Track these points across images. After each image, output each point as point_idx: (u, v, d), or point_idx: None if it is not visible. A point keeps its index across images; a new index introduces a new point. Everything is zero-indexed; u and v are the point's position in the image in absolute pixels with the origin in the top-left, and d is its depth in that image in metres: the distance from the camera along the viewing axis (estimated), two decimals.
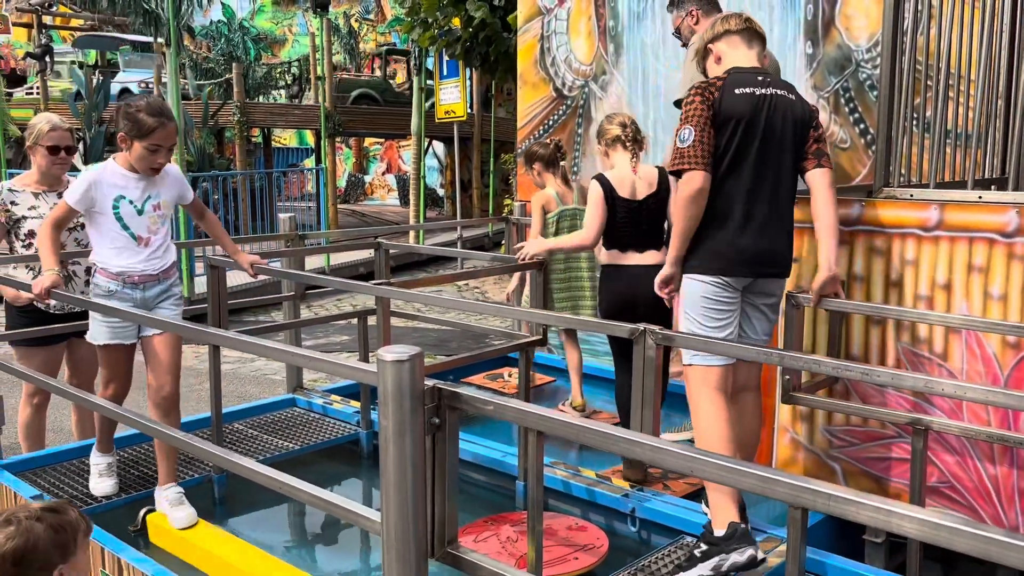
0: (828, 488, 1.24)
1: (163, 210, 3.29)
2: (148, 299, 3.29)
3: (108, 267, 3.21)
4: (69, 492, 3.63)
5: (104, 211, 3.18)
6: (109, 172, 3.21)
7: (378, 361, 1.63)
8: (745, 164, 2.82)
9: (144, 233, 3.23)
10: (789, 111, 2.85)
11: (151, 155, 3.16)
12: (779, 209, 2.88)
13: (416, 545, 1.64)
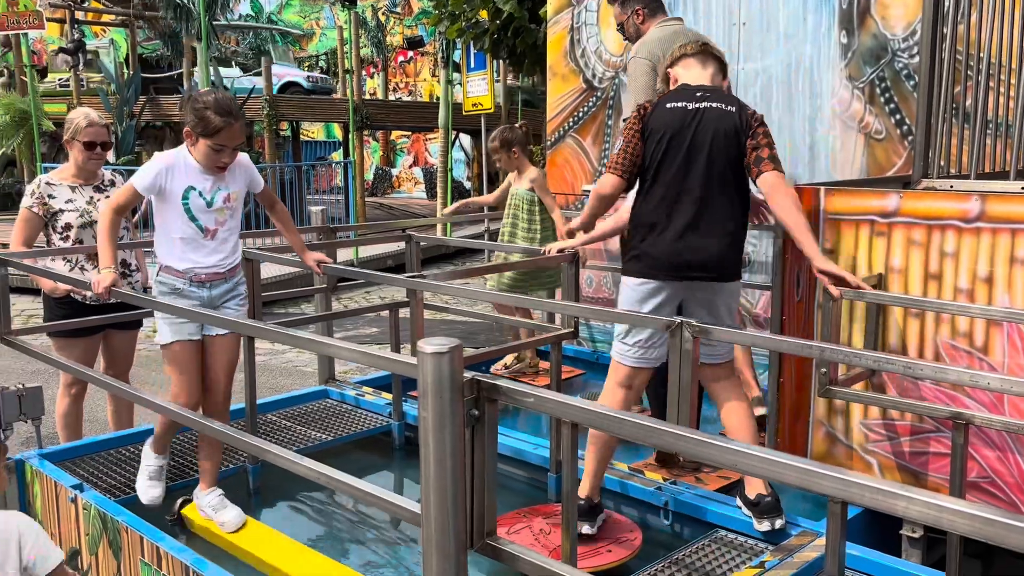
0: (874, 482, 1.23)
1: (233, 202, 3.20)
2: (214, 298, 3.22)
3: (174, 265, 3.14)
4: (108, 481, 3.68)
5: (172, 200, 3.09)
6: (182, 160, 3.11)
7: (418, 353, 1.63)
8: (670, 173, 3.01)
9: (212, 225, 3.15)
10: (720, 122, 2.99)
11: (215, 154, 3.07)
12: (709, 215, 3.00)
13: (455, 536, 1.64)
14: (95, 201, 4.14)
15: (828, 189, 3.20)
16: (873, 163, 4.54)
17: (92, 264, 4.14)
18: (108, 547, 3.14)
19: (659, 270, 3.04)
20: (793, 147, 4.83)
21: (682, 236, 3.00)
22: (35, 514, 3.60)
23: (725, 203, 3.02)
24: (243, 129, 3.12)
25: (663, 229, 3.02)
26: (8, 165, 18.37)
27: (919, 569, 2.83)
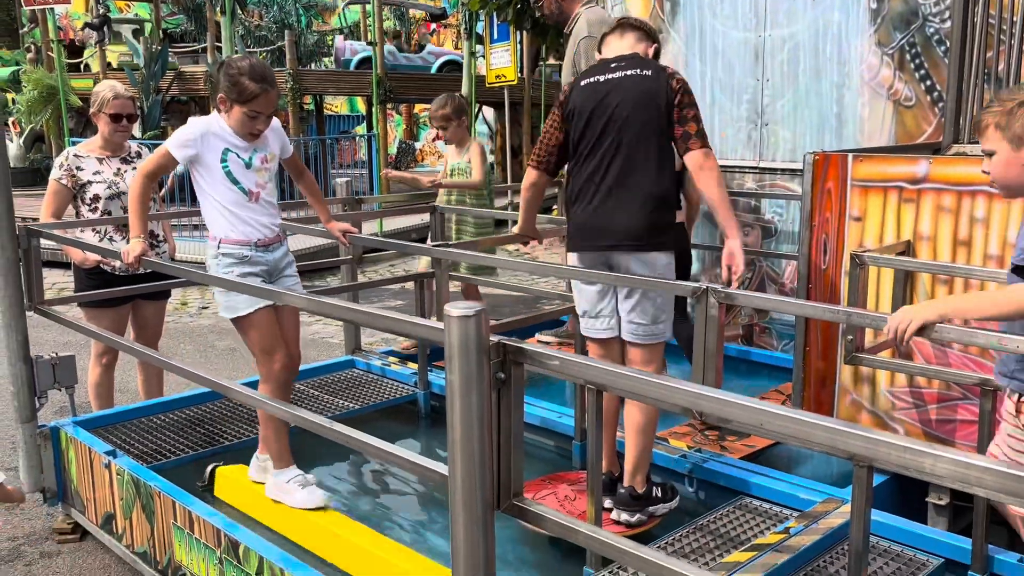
0: (901, 440, 1.23)
1: (270, 163, 3.17)
2: (277, 261, 3.19)
3: (232, 234, 3.09)
4: (139, 448, 3.75)
5: (211, 166, 3.05)
6: (216, 124, 3.07)
7: (445, 316, 1.64)
8: (589, 149, 3.01)
9: (253, 187, 3.10)
10: (633, 89, 2.92)
11: (250, 121, 3.03)
12: (627, 183, 2.94)
13: (482, 497, 1.66)
14: (122, 173, 4.18)
15: (856, 156, 3.17)
16: (902, 131, 4.48)
17: (120, 235, 4.18)
18: (142, 511, 3.21)
19: (580, 241, 3.06)
20: (821, 115, 4.78)
21: (598, 207, 2.98)
22: (70, 479, 3.68)
23: (644, 170, 2.94)
24: (278, 96, 3.09)
25: (584, 202, 3.02)
26: (36, 141, 18.53)
27: (945, 535, 2.82)
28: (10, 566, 3.50)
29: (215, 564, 2.83)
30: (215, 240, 3.10)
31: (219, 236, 3.09)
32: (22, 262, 3.60)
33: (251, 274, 3.08)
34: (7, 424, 5.06)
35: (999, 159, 2.21)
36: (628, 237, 2.93)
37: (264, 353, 3.14)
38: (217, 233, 3.10)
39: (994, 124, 2.20)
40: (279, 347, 3.16)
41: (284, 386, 3.20)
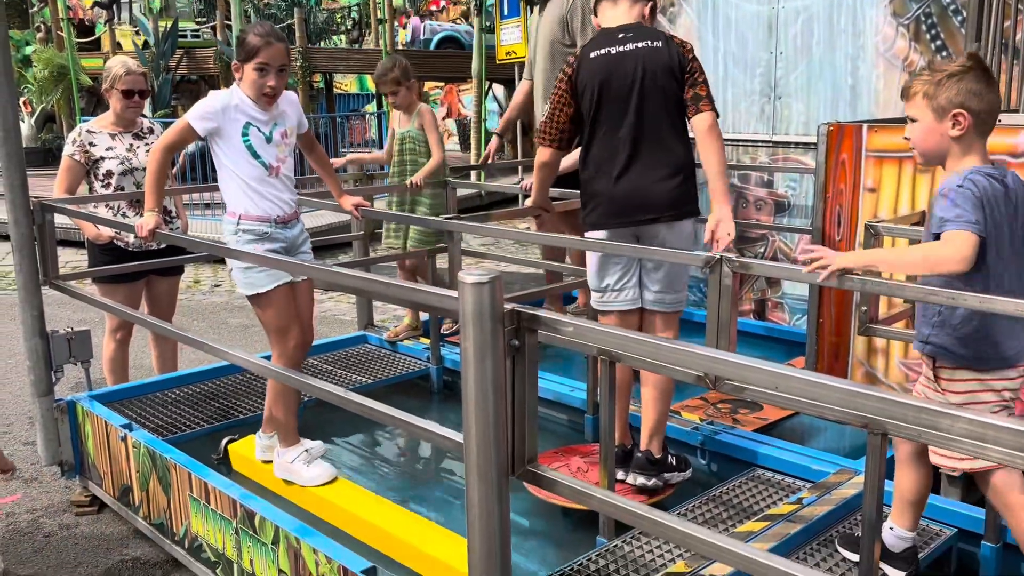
0: (919, 402, 1.23)
1: (290, 137, 3.13)
2: (295, 237, 3.17)
3: (252, 210, 3.05)
4: (155, 422, 3.78)
5: (232, 138, 3.01)
6: (236, 98, 3.02)
7: (459, 284, 1.64)
8: (605, 121, 2.99)
9: (274, 162, 3.06)
10: (648, 60, 2.92)
11: (260, 77, 2.96)
12: (647, 156, 2.95)
13: (497, 463, 1.67)
14: (135, 149, 4.18)
15: (871, 126, 3.14)
16: None
17: (134, 211, 4.20)
18: (158, 483, 3.24)
19: (607, 218, 3.04)
20: (835, 87, 4.74)
21: (619, 181, 2.97)
22: (87, 452, 3.72)
23: (663, 142, 2.96)
24: (287, 50, 3.04)
25: (604, 178, 3.01)
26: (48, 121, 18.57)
27: (959, 506, 2.83)
28: (29, 537, 3.54)
29: (231, 534, 2.86)
30: (234, 216, 3.07)
31: (239, 212, 3.06)
32: (36, 238, 3.62)
33: (271, 251, 3.06)
34: (24, 399, 5.11)
35: (921, 126, 2.28)
36: (667, 208, 2.95)
37: (279, 332, 3.13)
38: (237, 209, 3.06)
39: (922, 92, 2.26)
40: (294, 326, 3.15)
41: (297, 365, 3.21)
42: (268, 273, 3.03)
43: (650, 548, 2.65)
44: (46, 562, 3.35)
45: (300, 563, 2.56)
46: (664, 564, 2.54)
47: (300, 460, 3.19)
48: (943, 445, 1.22)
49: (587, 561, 2.58)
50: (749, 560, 1.40)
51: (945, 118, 2.22)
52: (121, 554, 3.40)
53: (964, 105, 2.21)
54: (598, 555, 2.62)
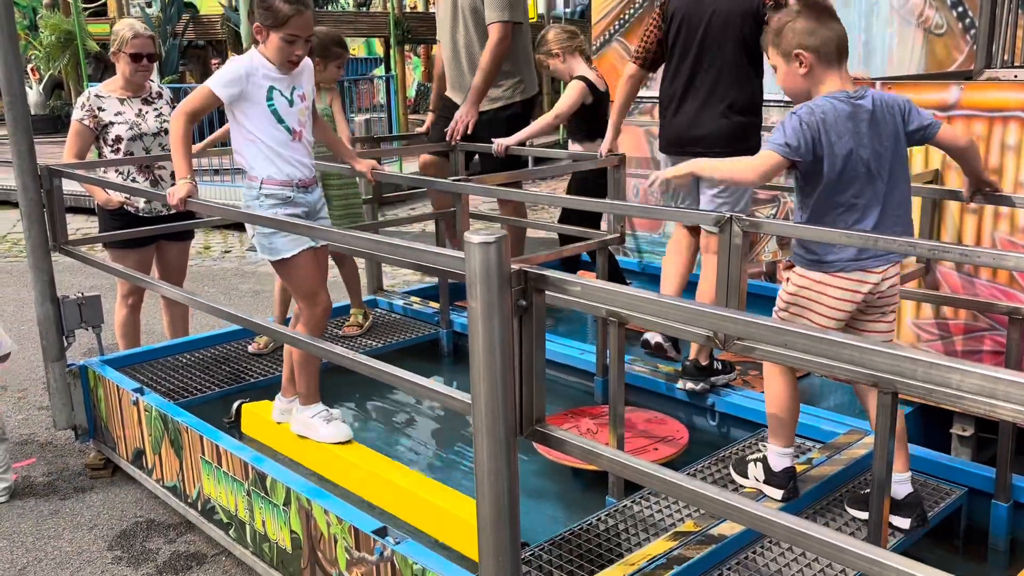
0: (928, 356, 1.21)
1: (307, 102, 3.08)
2: (314, 202, 3.13)
3: (275, 175, 3.01)
4: (166, 386, 3.80)
5: (256, 104, 2.95)
6: (258, 62, 2.95)
7: (465, 243, 1.63)
8: (685, 55, 3.34)
9: (297, 127, 3.02)
10: (731, 4, 3.27)
11: (288, 47, 2.91)
12: (716, 92, 3.32)
13: (505, 423, 1.66)
14: (144, 114, 4.17)
15: (884, 83, 3.09)
16: (932, 59, 4.37)
17: (144, 176, 4.19)
18: (170, 446, 3.26)
19: (666, 146, 3.46)
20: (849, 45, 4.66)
21: (679, 112, 3.36)
22: (100, 416, 3.75)
23: (724, 80, 3.29)
24: (313, 19, 2.97)
25: (671, 108, 3.38)
26: (56, 88, 18.52)
27: (969, 465, 2.82)
28: (46, 500, 3.58)
29: (243, 496, 2.89)
30: (256, 181, 3.02)
31: (261, 177, 3.01)
32: (45, 203, 3.62)
33: (292, 215, 3.01)
34: (38, 364, 5.15)
35: (780, 73, 2.54)
36: (718, 143, 3.27)
37: (308, 296, 3.10)
38: (259, 174, 3.02)
39: (771, 43, 2.53)
40: (322, 289, 3.12)
41: (322, 329, 3.19)
42: (292, 238, 2.99)
43: (659, 508, 2.66)
44: (62, 524, 3.39)
45: (311, 524, 2.58)
46: (673, 524, 2.55)
47: (319, 417, 3.21)
48: (954, 404, 1.21)
49: (597, 521, 2.60)
50: (759, 518, 1.40)
51: (792, 61, 2.47)
52: (136, 516, 3.44)
53: (801, 45, 2.44)
54: (607, 515, 2.63)
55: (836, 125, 2.38)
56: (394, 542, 2.32)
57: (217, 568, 3.08)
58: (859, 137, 2.39)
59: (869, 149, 2.40)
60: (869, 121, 2.40)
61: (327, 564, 2.56)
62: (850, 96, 2.43)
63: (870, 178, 2.41)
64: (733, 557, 2.40)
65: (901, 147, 2.46)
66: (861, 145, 2.39)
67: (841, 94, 2.43)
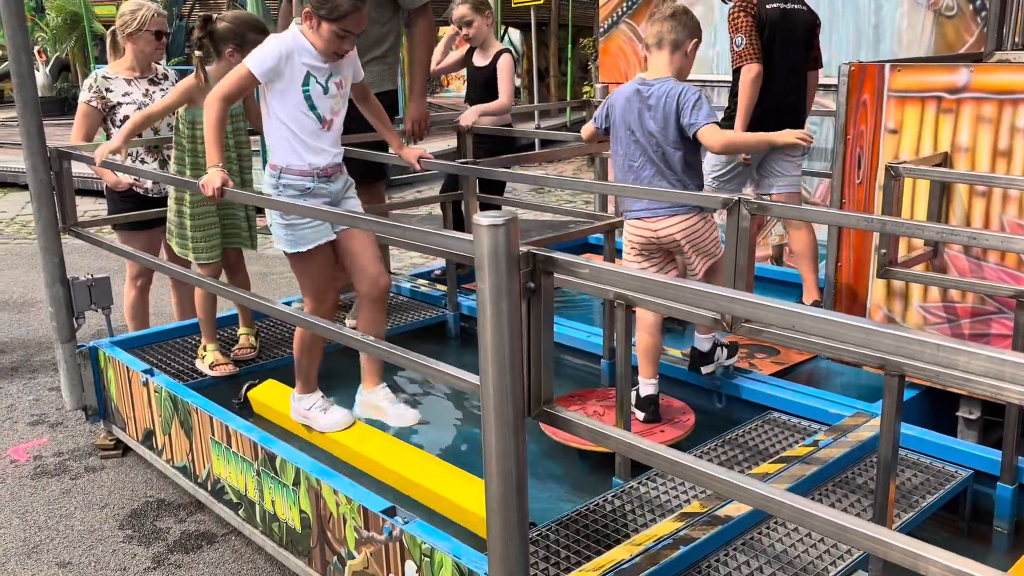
0: (935, 339, 1.22)
1: (344, 89, 2.95)
2: (338, 191, 3.02)
3: (296, 163, 2.90)
4: (176, 367, 3.82)
5: (292, 88, 2.83)
6: (300, 42, 2.82)
7: (474, 226, 1.64)
8: (774, 62, 3.88)
9: (328, 115, 2.91)
10: (803, 21, 3.95)
11: (338, 40, 2.79)
12: (795, 84, 4.02)
13: (513, 403, 1.67)
14: (151, 94, 4.17)
15: (894, 66, 3.08)
16: (942, 42, 4.34)
17: (152, 157, 4.20)
18: (180, 427, 3.29)
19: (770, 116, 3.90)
20: (857, 28, 4.64)
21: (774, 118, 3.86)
22: (110, 397, 3.78)
23: (802, 75, 4.02)
24: (367, 14, 2.86)
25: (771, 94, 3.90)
26: (63, 70, 18.52)
27: (974, 447, 2.83)
28: (57, 480, 3.62)
29: (253, 476, 2.91)
30: (275, 168, 2.93)
31: (280, 164, 2.92)
32: (54, 185, 3.63)
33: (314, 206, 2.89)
34: (48, 346, 5.19)
35: (690, 57, 3.16)
36: (800, 118, 4.03)
37: (315, 293, 3.03)
38: (279, 161, 2.92)
39: (692, 32, 3.12)
40: (331, 291, 3.07)
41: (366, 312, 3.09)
42: (310, 230, 2.92)
43: (665, 489, 2.67)
44: (73, 503, 3.43)
45: (321, 503, 2.60)
46: (680, 504, 2.57)
47: (316, 408, 3.20)
48: (961, 387, 1.21)
49: (603, 501, 2.62)
50: (765, 498, 1.41)
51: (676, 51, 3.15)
52: (146, 496, 3.48)
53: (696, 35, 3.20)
54: (614, 495, 2.65)
55: (613, 105, 3.23)
56: (403, 522, 2.34)
57: (227, 547, 3.11)
58: (636, 113, 3.14)
59: (639, 124, 3.12)
60: (639, 103, 3.14)
61: (336, 543, 2.58)
62: (633, 84, 3.18)
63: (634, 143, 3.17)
64: (739, 538, 2.41)
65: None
66: (637, 122, 3.13)
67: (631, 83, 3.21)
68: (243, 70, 2.81)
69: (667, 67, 3.11)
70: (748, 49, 3.84)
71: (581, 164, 11.36)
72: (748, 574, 2.27)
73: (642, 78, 3.12)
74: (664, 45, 3.09)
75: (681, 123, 3.01)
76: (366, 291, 3.06)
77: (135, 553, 3.08)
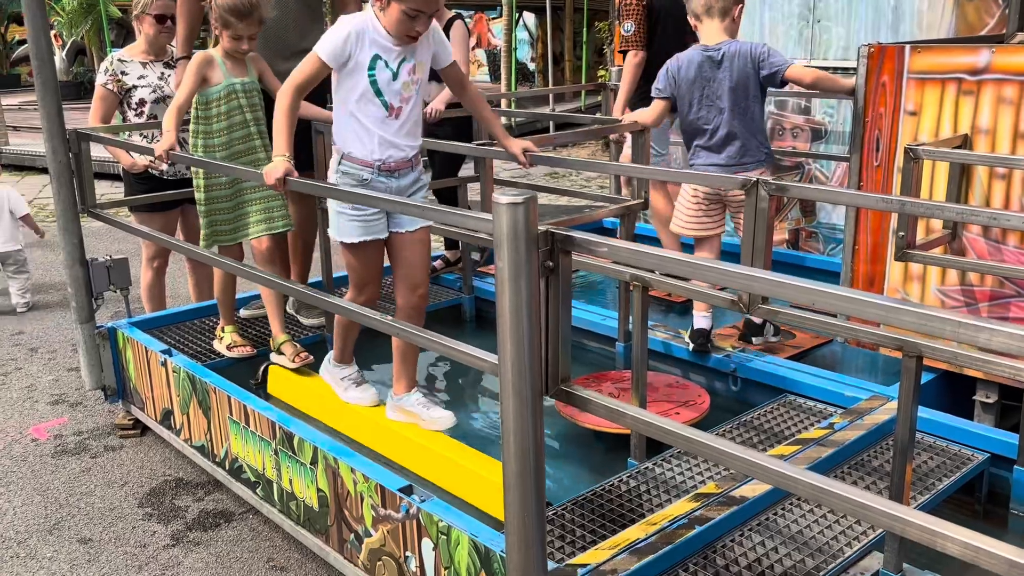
0: (956, 316, 1.22)
1: (418, 75, 2.78)
2: (403, 189, 2.86)
3: (357, 152, 2.79)
4: (194, 348, 3.85)
5: (358, 73, 2.70)
6: (370, 24, 2.68)
7: (493, 204, 1.64)
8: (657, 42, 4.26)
9: (396, 102, 2.75)
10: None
11: (409, 21, 2.63)
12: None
13: (531, 382, 1.68)
14: (166, 77, 4.18)
15: (914, 47, 3.06)
16: (963, 24, 4.30)
17: None
18: (198, 407, 3.32)
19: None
20: (876, 10, 4.60)
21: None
22: (129, 377, 3.81)
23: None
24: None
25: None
26: (79, 54, 18.58)
27: (992, 431, 2.82)
28: (77, 458, 3.66)
29: (271, 455, 2.94)
30: (338, 153, 2.84)
31: (343, 150, 2.82)
32: (73, 167, 3.65)
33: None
34: (67, 327, 5.23)
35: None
36: None
37: (357, 284, 3.00)
38: (342, 146, 2.82)
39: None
40: (373, 285, 2.99)
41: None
42: (360, 224, 2.84)
43: (680, 470, 2.68)
44: (94, 481, 3.47)
45: (338, 482, 2.62)
46: (695, 485, 2.58)
47: (349, 379, 3.24)
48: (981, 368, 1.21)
49: (618, 482, 2.63)
50: (784, 476, 1.41)
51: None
52: (164, 474, 3.51)
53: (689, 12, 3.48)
54: (629, 476, 2.66)
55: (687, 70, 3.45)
56: (420, 500, 2.36)
57: (244, 526, 3.15)
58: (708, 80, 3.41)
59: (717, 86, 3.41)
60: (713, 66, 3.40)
61: (353, 521, 2.61)
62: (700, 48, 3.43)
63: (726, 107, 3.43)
64: (754, 519, 2.42)
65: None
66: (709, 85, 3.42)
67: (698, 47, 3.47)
68: (313, 57, 2.71)
69: (722, 32, 3.38)
70: (635, 36, 4.19)
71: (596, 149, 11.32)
72: (763, 554, 2.28)
73: (705, 45, 3.38)
74: (714, 13, 3.35)
75: (762, 74, 3.29)
76: (403, 302, 3.00)
77: (154, 530, 3.12)
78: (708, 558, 2.26)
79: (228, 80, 3.41)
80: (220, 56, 3.41)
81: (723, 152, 3.43)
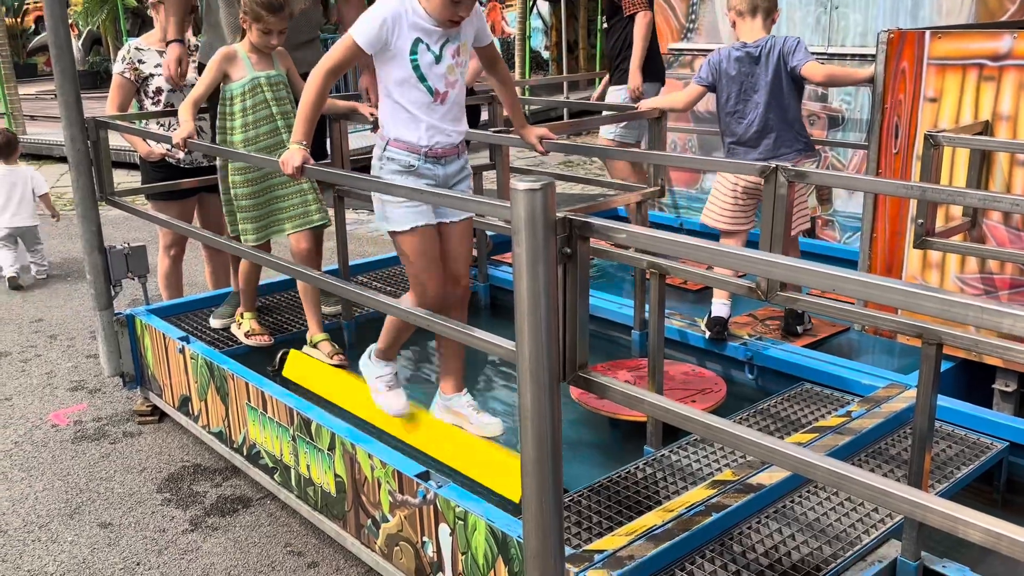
0: (977, 301, 1.21)
1: (462, 56, 2.67)
2: (449, 176, 2.75)
3: (404, 136, 2.66)
4: (210, 335, 3.87)
5: (400, 56, 2.57)
6: (409, 8, 2.55)
7: (511, 190, 1.64)
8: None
9: (442, 87, 2.63)
10: None
11: (453, 5, 2.52)
12: None
13: (549, 368, 1.68)
14: (183, 65, 4.19)
15: (934, 33, 3.03)
16: (983, 10, 4.25)
17: None
18: (216, 393, 3.34)
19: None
20: None
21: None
22: (147, 364, 3.84)
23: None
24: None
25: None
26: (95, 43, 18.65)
27: (1011, 419, 2.81)
28: (96, 444, 3.70)
29: (288, 441, 2.95)
30: (383, 140, 2.72)
31: (388, 136, 2.69)
32: (91, 155, 3.67)
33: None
34: (85, 315, 5.27)
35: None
36: None
37: (416, 279, 2.77)
38: (388, 132, 2.70)
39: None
40: (431, 277, 2.76)
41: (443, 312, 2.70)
42: (408, 210, 2.68)
43: (696, 458, 2.68)
44: (113, 467, 3.50)
45: (356, 468, 2.64)
46: (711, 473, 2.58)
47: (383, 381, 3.02)
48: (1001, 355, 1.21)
49: (635, 469, 2.63)
50: (802, 462, 1.41)
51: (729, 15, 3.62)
52: (183, 460, 3.54)
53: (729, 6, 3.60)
54: (645, 463, 2.66)
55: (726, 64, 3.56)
56: (437, 485, 2.37)
57: (262, 511, 3.17)
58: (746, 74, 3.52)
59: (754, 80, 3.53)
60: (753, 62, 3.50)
61: (371, 507, 2.62)
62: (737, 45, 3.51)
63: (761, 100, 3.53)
64: (771, 506, 2.42)
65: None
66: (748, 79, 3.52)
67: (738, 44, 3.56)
68: (348, 40, 2.58)
69: (761, 31, 3.53)
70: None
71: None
72: (780, 541, 2.27)
73: (744, 42, 3.52)
74: (758, 13, 3.52)
75: (787, 67, 3.43)
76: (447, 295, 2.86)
77: (173, 516, 3.15)
78: (725, 545, 2.26)
79: (252, 74, 3.42)
80: (245, 51, 3.42)
81: (759, 147, 3.53)
